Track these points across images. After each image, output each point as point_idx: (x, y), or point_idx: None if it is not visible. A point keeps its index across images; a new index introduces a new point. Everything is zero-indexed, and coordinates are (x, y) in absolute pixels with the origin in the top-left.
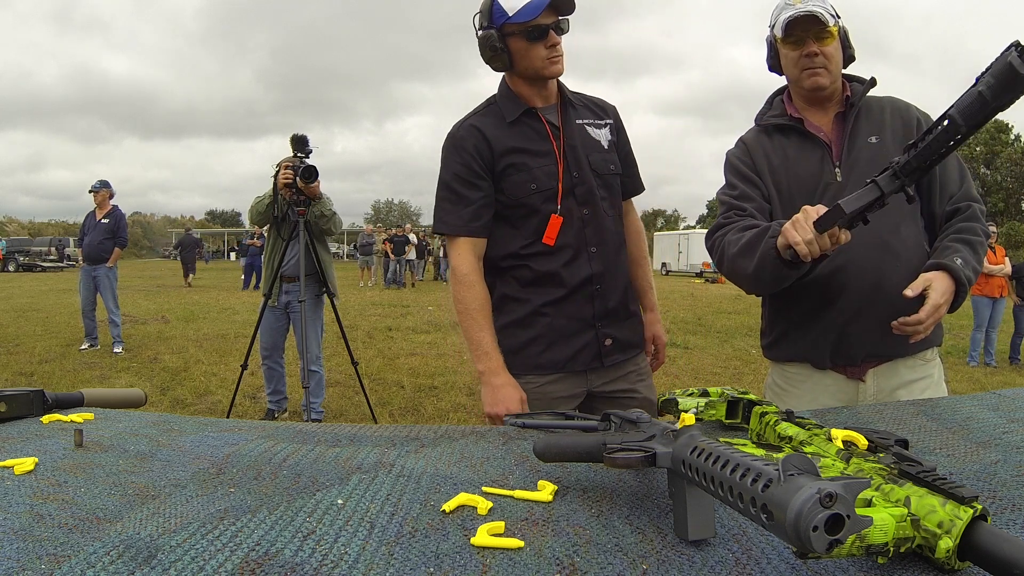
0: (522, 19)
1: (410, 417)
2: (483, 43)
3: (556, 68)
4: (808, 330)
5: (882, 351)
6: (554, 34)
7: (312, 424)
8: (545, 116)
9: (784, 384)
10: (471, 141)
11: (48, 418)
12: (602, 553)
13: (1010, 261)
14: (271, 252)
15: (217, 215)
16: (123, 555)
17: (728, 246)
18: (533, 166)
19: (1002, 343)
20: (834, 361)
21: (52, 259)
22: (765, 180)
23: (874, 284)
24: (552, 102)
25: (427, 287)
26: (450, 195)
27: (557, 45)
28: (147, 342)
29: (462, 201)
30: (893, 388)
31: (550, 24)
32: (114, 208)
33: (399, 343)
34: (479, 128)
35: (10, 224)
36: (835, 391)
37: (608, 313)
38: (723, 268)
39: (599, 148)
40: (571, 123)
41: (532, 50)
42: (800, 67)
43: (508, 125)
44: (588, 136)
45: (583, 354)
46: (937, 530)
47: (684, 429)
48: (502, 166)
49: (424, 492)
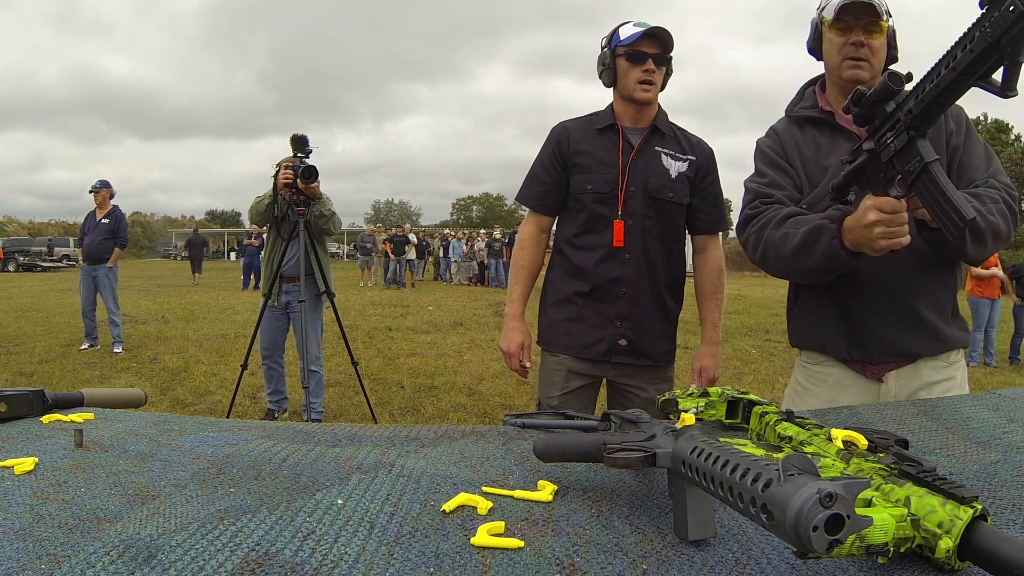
0: (627, 43)
1: (410, 417)
2: (599, 60)
3: (644, 95)
4: (824, 316)
5: (900, 347)
6: (652, 62)
7: (312, 424)
8: (627, 134)
9: (806, 383)
10: (557, 137)
11: (48, 418)
12: (602, 553)
13: (1009, 262)
14: (271, 252)
15: (217, 215)
16: (123, 555)
17: (775, 246)
18: (594, 170)
19: (1002, 343)
20: (851, 354)
21: (52, 259)
22: (797, 168)
23: (890, 277)
24: (642, 125)
25: (427, 287)
26: (532, 174)
27: (652, 73)
28: (147, 342)
29: (538, 182)
30: (914, 390)
31: (651, 53)
32: (114, 208)
33: (399, 343)
34: (568, 128)
35: (10, 224)
36: (855, 392)
37: (630, 316)
38: (768, 265)
39: (664, 175)
40: (648, 147)
41: (630, 72)
42: (843, 55)
43: (595, 132)
44: (658, 163)
45: (598, 346)
46: (937, 530)
47: (684, 429)
48: (572, 163)
49: (424, 492)
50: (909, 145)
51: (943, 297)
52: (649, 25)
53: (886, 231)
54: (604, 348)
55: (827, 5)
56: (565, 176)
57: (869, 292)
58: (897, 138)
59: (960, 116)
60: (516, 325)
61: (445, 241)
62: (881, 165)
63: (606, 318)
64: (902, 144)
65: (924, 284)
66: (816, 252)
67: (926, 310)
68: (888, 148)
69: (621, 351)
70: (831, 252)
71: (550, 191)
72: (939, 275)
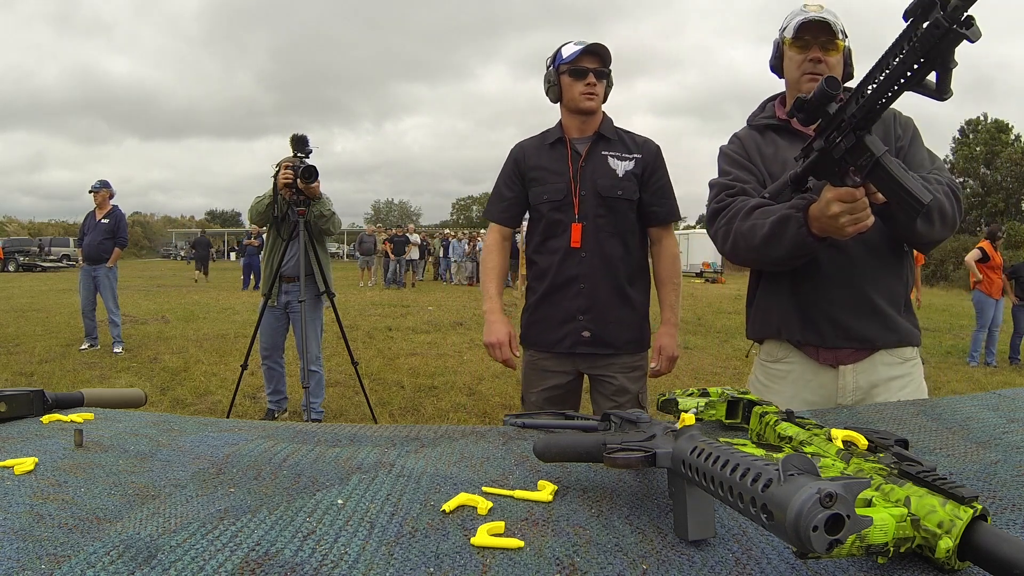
0: (569, 60)
1: (410, 417)
2: (545, 78)
3: (588, 103)
4: (781, 301)
5: (854, 331)
6: (592, 76)
7: (312, 424)
8: (574, 145)
9: (767, 381)
10: (514, 156)
11: (48, 418)
12: (602, 553)
13: (1009, 262)
14: (271, 252)
15: (217, 215)
16: (123, 555)
17: (744, 236)
18: (548, 181)
19: (1002, 343)
20: (805, 336)
21: (42, 259)
22: (759, 166)
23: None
24: (588, 134)
25: (427, 287)
26: (496, 191)
27: (593, 85)
28: (147, 342)
29: (501, 197)
30: (871, 385)
31: (591, 68)
32: (114, 208)
33: (399, 343)
34: (523, 147)
35: (10, 224)
36: (815, 387)
37: (590, 310)
38: (739, 256)
39: (611, 175)
40: (595, 153)
41: (573, 86)
42: (802, 71)
43: (547, 147)
44: (605, 165)
45: (566, 340)
46: (937, 530)
47: (684, 429)
48: (529, 178)
49: (424, 492)
50: (858, 143)
51: (896, 288)
52: (588, 42)
53: (851, 218)
54: (569, 341)
55: (787, 25)
56: (524, 190)
57: (824, 278)
58: (845, 138)
59: (908, 124)
60: (497, 318)
61: (445, 241)
62: (834, 161)
63: (569, 313)
64: (851, 143)
65: (876, 273)
66: (785, 240)
67: (878, 298)
68: (839, 147)
69: (585, 342)
70: (799, 239)
71: (512, 205)
72: (891, 266)
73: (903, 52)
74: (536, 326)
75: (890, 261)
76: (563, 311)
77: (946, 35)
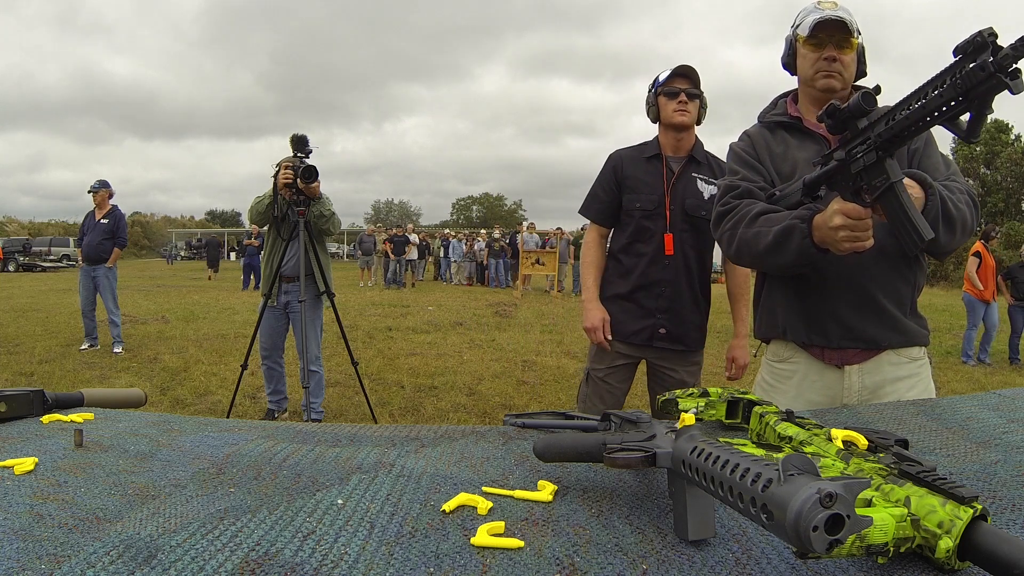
0: (663, 82)
1: (410, 417)
2: (646, 101)
3: (681, 118)
4: (788, 302)
5: (859, 332)
6: (684, 96)
7: (312, 424)
8: (669, 162)
9: (772, 381)
10: (613, 163)
11: (48, 418)
12: (602, 553)
13: (1008, 262)
14: (270, 252)
15: (217, 215)
16: (123, 555)
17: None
18: (642, 191)
19: (1000, 343)
20: (810, 337)
21: (51, 259)
22: (767, 166)
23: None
24: (682, 155)
25: (427, 287)
26: (592, 193)
27: (685, 103)
28: (147, 342)
29: (596, 199)
30: (877, 385)
31: (682, 88)
32: (113, 208)
33: (399, 343)
34: (621, 156)
35: (10, 224)
36: (820, 387)
37: (669, 310)
38: (743, 261)
39: (699, 197)
40: (686, 174)
41: (668, 104)
42: (816, 68)
43: (643, 160)
44: (694, 187)
45: (643, 333)
46: (937, 530)
47: (684, 429)
48: (624, 185)
49: (424, 492)
50: (877, 164)
51: (903, 291)
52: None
53: (850, 235)
54: (647, 335)
55: (801, 23)
56: (619, 195)
57: (831, 279)
58: (866, 155)
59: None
60: (595, 306)
61: (445, 241)
62: (850, 175)
63: (649, 311)
64: (871, 161)
65: (884, 276)
66: (789, 250)
67: (886, 300)
68: (858, 161)
69: (661, 338)
70: (803, 250)
71: (607, 206)
72: (900, 269)
73: (943, 86)
74: (614, 317)
75: (898, 263)
76: (644, 308)
77: (989, 79)
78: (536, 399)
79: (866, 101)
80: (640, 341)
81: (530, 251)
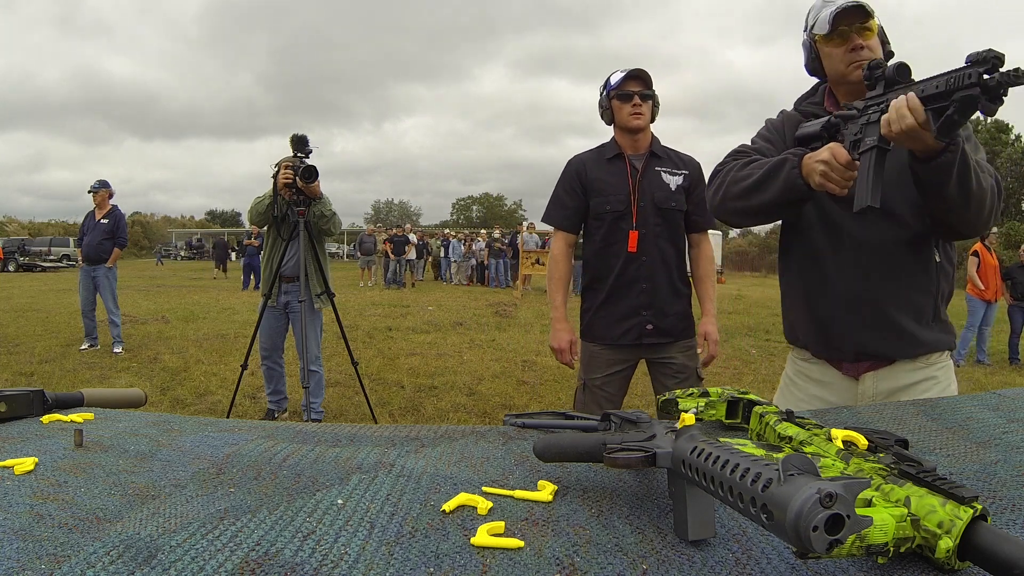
0: (616, 86)
1: (410, 417)
2: (599, 104)
3: (636, 122)
4: (801, 317)
5: (873, 350)
6: (638, 98)
7: (312, 424)
8: (631, 160)
9: (795, 377)
10: (575, 168)
11: (48, 418)
12: (602, 553)
13: (1008, 262)
14: (270, 252)
15: (217, 215)
16: (123, 555)
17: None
18: (610, 192)
19: (1000, 343)
20: (830, 354)
21: (51, 259)
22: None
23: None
24: (641, 152)
25: (427, 287)
26: (556, 199)
27: (639, 106)
28: (147, 342)
29: (562, 205)
30: (892, 391)
31: (635, 91)
32: (113, 208)
33: (399, 343)
34: (582, 160)
35: (10, 224)
36: (836, 389)
37: (652, 306)
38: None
39: (666, 189)
40: (650, 169)
41: (622, 108)
42: (847, 61)
43: (605, 161)
44: (660, 180)
45: (631, 333)
46: (937, 530)
47: (684, 429)
48: (591, 188)
49: (424, 492)
50: (876, 126)
51: (921, 302)
52: (631, 69)
53: (827, 172)
54: (635, 334)
55: (816, 23)
56: (585, 200)
57: (840, 297)
58: (874, 115)
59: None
60: (563, 326)
61: (445, 241)
62: (857, 126)
63: (633, 310)
64: (875, 120)
65: (898, 289)
66: (777, 180)
67: (900, 315)
68: (867, 116)
69: (649, 334)
70: (790, 180)
71: (574, 213)
72: (916, 281)
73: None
74: (600, 322)
75: (915, 274)
76: (627, 308)
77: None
78: (536, 399)
79: (900, 73)
80: (630, 341)
81: (530, 251)
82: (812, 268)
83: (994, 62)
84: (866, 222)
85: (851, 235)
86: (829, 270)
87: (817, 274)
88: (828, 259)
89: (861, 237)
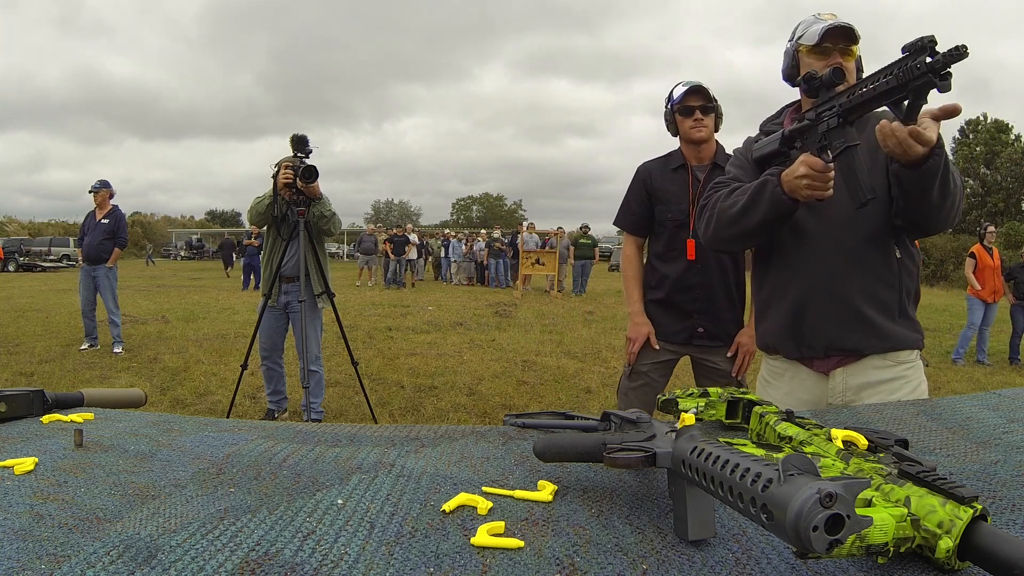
0: (678, 100)
1: (410, 417)
2: (664, 117)
3: (698, 135)
4: (776, 321)
5: (842, 343)
6: (699, 112)
7: (312, 424)
8: (694, 171)
9: (769, 377)
10: (642, 176)
11: (48, 418)
12: (602, 553)
13: (1008, 262)
14: (270, 252)
15: (217, 215)
16: (123, 555)
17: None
18: (672, 201)
19: (1001, 343)
20: (801, 352)
21: (51, 259)
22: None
23: (831, 278)
24: (705, 162)
25: (427, 287)
26: (625, 205)
27: (700, 119)
28: (147, 342)
29: (630, 211)
30: (861, 387)
31: (696, 105)
32: (114, 208)
33: (399, 343)
34: (648, 169)
35: (10, 224)
36: (808, 386)
37: (705, 312)
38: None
39: None
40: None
41: (684, 122)
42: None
43: (670, 171)
44: None
45: (683, 333)
46: (937, 530)
47: (684, 429)
48: (655, 197)
49: (424, 492)
50: (839, 128)
51: (887, 297)
52: (692, 83)
53: (811, 184)
54: (686, 335)
55: (804, 34)
56: (651, 206)
57: (813, 293)
58: (830, 119)
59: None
60: (642, 319)
61: (445, 241)
62: (818, 135)
63: (686, 312)
64: (834, 125)
65: (864, 284)
66: (763, 201)
67: (868, 308)
68: (824, 124)
69: (699, 336)
70: (775, 198)
71: (641, 218)
72: (881, 276)
73: (890, 76)
74: (658, 319)
75: (879, 269)
76: (682, 311)
77: (922, 77)
78: (536, 399)
79: (835, 75)
80: (681, 340)
81: (530, 251)
82: (782, 269)
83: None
84: (826, 220)
85: (815, 234)
86: (797, 268)
87: (787, 273)
88: (794, 258)
89: (824, 235)
